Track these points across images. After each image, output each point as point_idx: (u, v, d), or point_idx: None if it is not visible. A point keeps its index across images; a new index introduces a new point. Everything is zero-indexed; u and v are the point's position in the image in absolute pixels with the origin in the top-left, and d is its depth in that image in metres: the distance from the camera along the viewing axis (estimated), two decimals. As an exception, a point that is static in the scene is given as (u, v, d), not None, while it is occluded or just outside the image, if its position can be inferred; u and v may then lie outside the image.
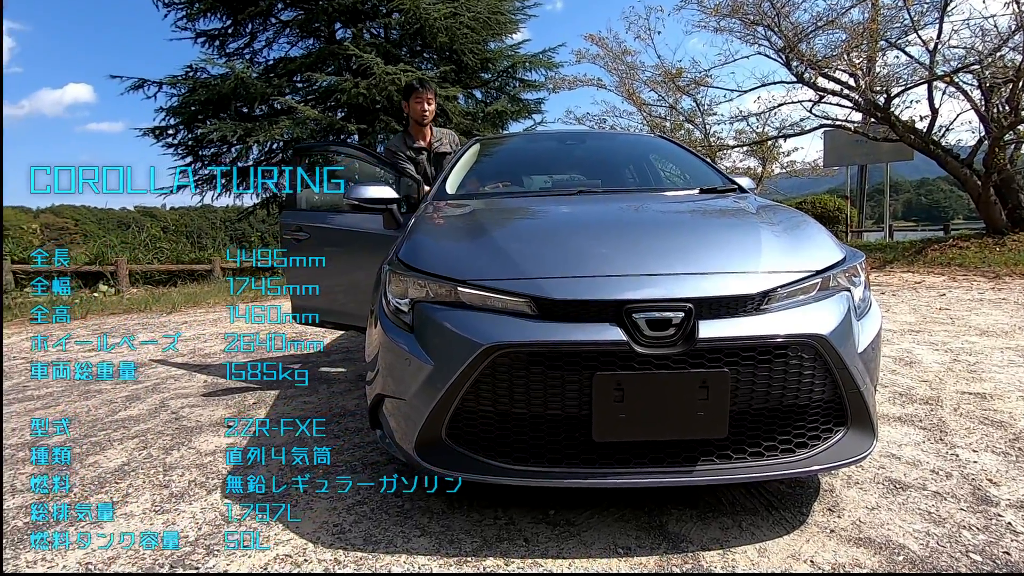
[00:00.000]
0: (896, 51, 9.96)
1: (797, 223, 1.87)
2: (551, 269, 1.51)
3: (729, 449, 1.45)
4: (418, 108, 3.39)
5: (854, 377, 1.47)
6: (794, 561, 1.40)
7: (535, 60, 14.45)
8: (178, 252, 10.53)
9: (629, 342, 1.37)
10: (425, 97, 3.38)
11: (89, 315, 6.36)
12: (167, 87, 13.06)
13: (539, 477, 1.45)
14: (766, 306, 1.46)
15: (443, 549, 1.49)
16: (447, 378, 1.45)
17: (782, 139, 12.90)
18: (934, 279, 6.96)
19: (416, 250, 1.76)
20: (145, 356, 4.12)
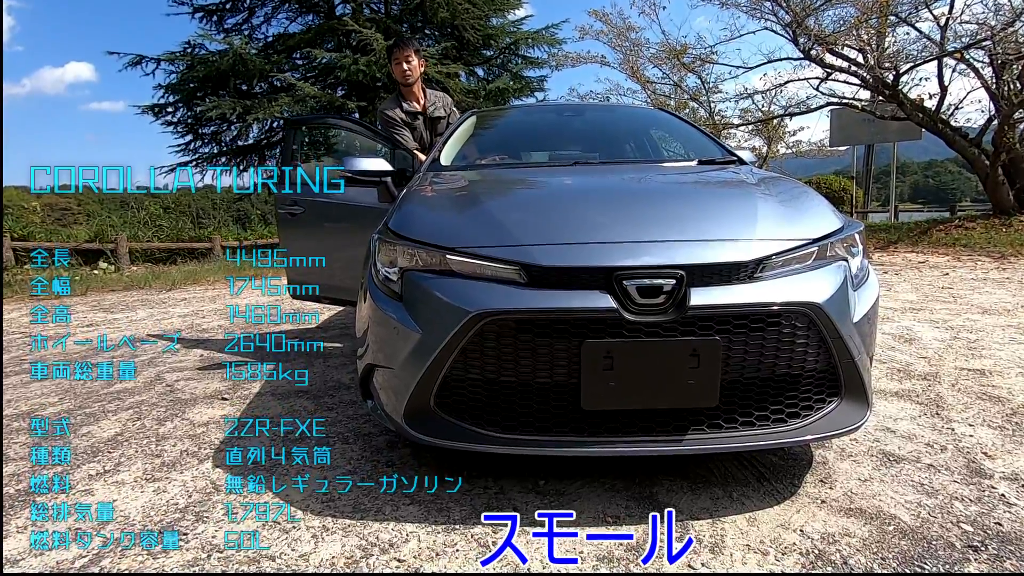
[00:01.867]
0: (906, 27, 9.75)
1: (796, 193, 1.83)
2: (540, 236, 1.48)
3: (720, 418, 1.43)
4: (397, 70, 3.27)
5: (848, 347, 1.45)
6: (783, 531, 1.40)
7: (538, 37, 14.19)
8: (178, 230, 10.52)
9: (619, 309, 1.34)
10: (403, 56, 3.23)
11: (89, 291, 6.37)
12: (165, 64, 12.90)
13: (528, 446, 1.44)
14: (760, 274, 1.43)
15: (432, 517, 1.49)
16: (435, 346, 1.43)
17: (788, 118, 12.72)
18: (938, 259, 6.89)
19: (406, 219, 1.73)
20: (143, 331, 4.12)
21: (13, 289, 6.19)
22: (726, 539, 1.37)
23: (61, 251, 6.46)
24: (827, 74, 10.29)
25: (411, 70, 3.27)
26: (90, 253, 8.99)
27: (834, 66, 10.13)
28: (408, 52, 3.27)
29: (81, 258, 8.71)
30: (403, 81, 3.31)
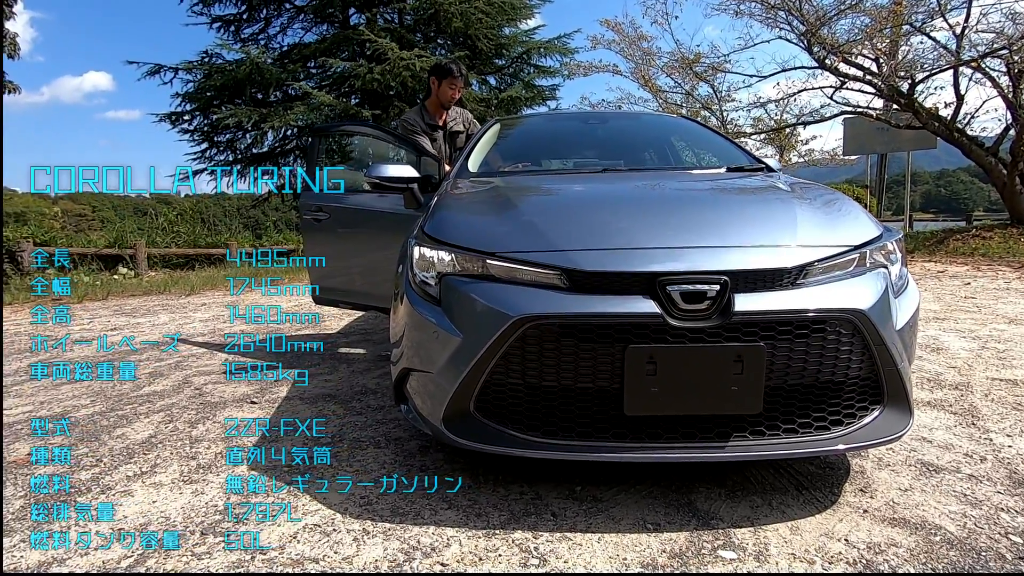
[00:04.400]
0: (921, 36, 9.71)
1: (832, 199, 1.82)
2: (582, 241, 1.49)
3: (762, 425, 1.43)
4: (449, 93, 3.42)
5: (892, 354, 1.44)
6: (827, 539, 1.38)
7: (550, 46, 14.28)
8: (195, 236, 10.64)
9: (663, 315, 1.34)
10: (459, 84, 3.42)
11: (110, 296, 6.45)
12: (183, 73, 13.12)
13: (569, 451, 1.44)
14: (802, 280, 1.43)
15: (471, 522, 1.49)
16: (476, 351, 1.43)
17: (801, 126, 12.69)
18: (957, 268, 6.82)
19: (442, 224, 1.74)
20: (166, 334, 4.16)
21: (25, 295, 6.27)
22: (770, 547, 1.36)
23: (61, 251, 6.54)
24: (841, 83, 10.27)
25: (458, 97, 3.46)
26: (109, 259, 9.10)
27: (848, 75, 10.11)
28: (463, 81, 3.47)
29: (101, 263, 8.83)
30: (446, 103, 3.46)
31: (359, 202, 3.13)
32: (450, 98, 3.42)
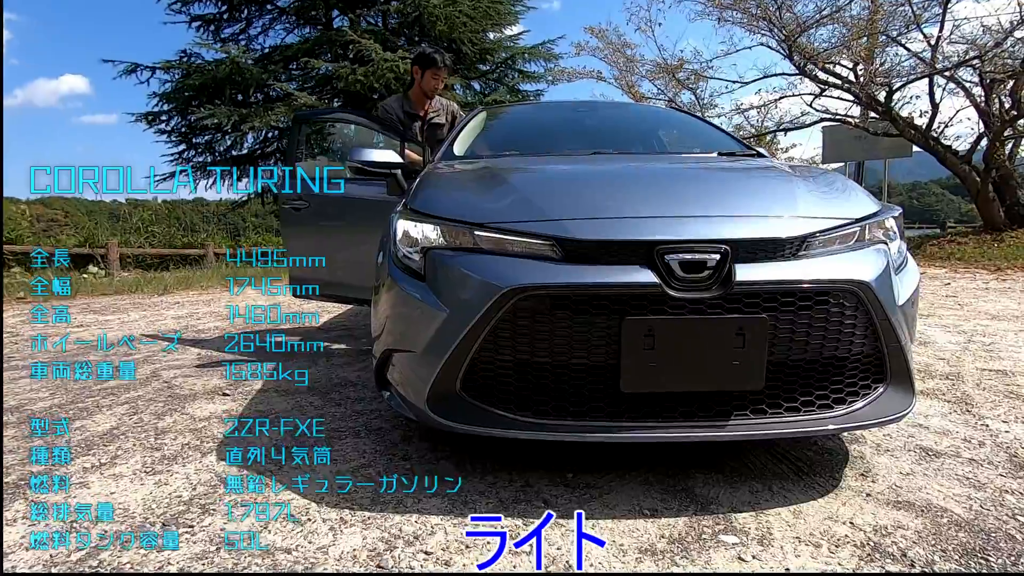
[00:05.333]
0: (897, 46, 9.93)
1: (829, 177, 1.78)
2: (575, 211, 1.42)
3: (764, 403, 1.36)
4: (434, 83, 3.35)
5: (896, 330, 1.39)
6: (832, 523, 1.32)
7: (534, 51, 14.32)
8: (171, 236, 10.35)
9: (661, 285, 1.27)
10: (443, 75, 3.35)
11: (78, 295, 6.20)
12: (160, 72, 12.82)
13: (562, 431, 1.35)
14: (804, 252, 1.37)
15: (457, 510, 1.39)
16: (463, 325, 1.35)
17: (781, 133, 12.88)
18: (936, 271, 6.92)
19: (428, 198, 1.66)
20: (136, 331, 3.98)
21: (10, 292, 6.01)
22: (773, 531, 1.29)
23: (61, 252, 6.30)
24: (821, 90, 10.45)
25: (440, 86, 3.40)
26: (79, 258, 8.79)
27: (828, 82, 10.29)
28: (447, 72, 3.41)
29: (71, 263, 8.52)
30: (430, 93, 3.38)
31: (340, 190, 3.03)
32: (434, 88, 3.35)
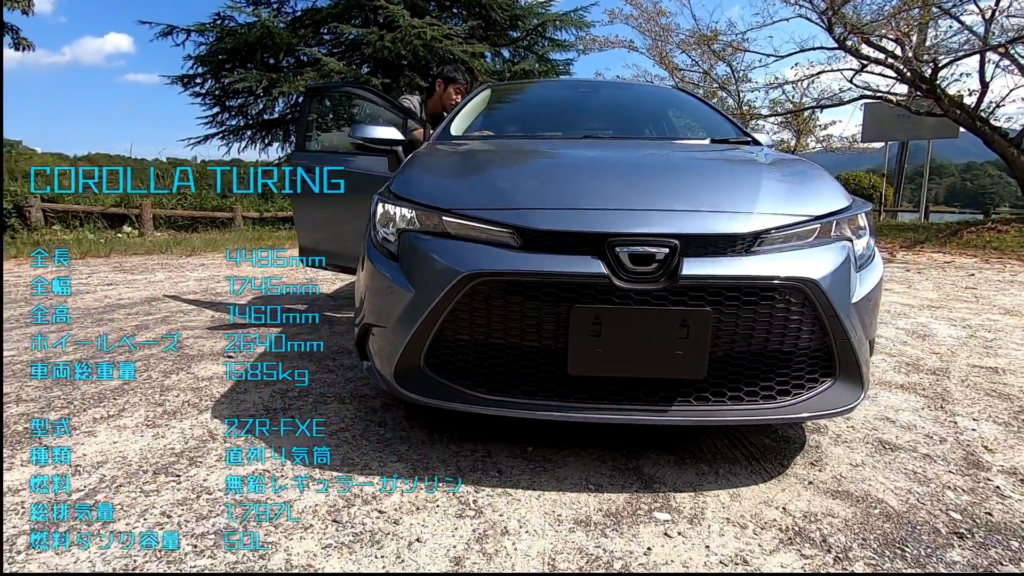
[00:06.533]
0: (947, 19, 9.37)
1: (803, 171, 1.78)
2: (536, 200, 1.48)
3: (708, 391, 1.42)
4: (454, 99, 3.36)
5: (844, 326, 1.42)
6: (766, 507, 1.39)
7: (566, 19, 13.97)
8: (202, 199, 10.69)
9: (609, 275, 1.33)
10: (463, 91, 3.37)
11: (113, 253, 6.53)
12: (195, 34, 13.03)
13: (513, 408, 1.44)
14: (757, 248, 1.41)
15: (416, 474, 1.51)
16: (426, 306, 1.44)
17: (819, 110, 12.39)
18: (965, 260, 6.69)
19: (407, 182, 1.73)
20: (159, 291, 4.22)
21: (33, 247, 6.37)
22: (706, 512, 1.37)
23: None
24: (862, 66, 9.97)
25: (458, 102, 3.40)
26: (116, 217, 9.20)
27: (870, 57, 9.81)
28: (465, 88, 3.41)
29: (107, 222, 8.93)
30: (446, 107, 3.36)
31: (349, 164, 3.11)
32: (452, 104, 3.36)
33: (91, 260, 6.13)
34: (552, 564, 1.17)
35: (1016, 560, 1.21)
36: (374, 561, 1.17)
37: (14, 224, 7.58)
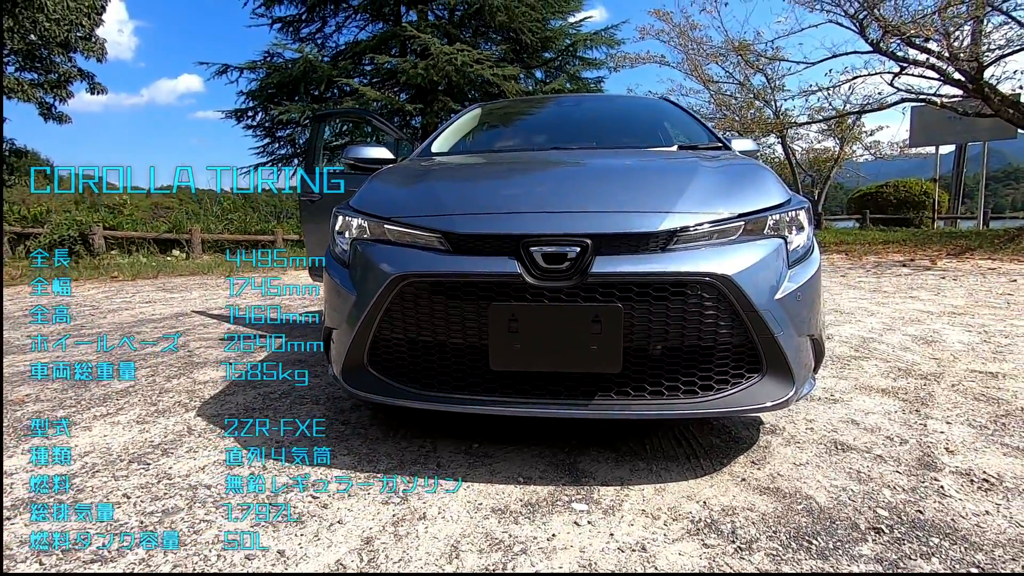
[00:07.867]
0: (996, 15, 8.91)
1: (744, 171, 1.80)
2: (462, 206, 1.57)
3: (628, 386, 1.46)
4: None
5: (767, 322, 1.43)
6: (686, 501, 1.40)
7: (596, 37, 14.16)
8: (246, 224, 11.35)
9: (522, 274, 1.40)
10: None
11: (160, 275, 7.04)
12: (247, 72, 14.00)
13: (442, 402, 1.52)
14: (673, 246, 1.44)
15: (359, 465, 1.61)
16: (364, 307, 1.55)
17: (860, 115, 11.95)
18: (1013, 266, 6.28)
19: (363, 196, 1.87)
20: (189, 307, 4.54)
21: (100, 272, 6.95)
22: (624, 504, 1.40)
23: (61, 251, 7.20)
24: (901, 68, 9.60)
25: None
26: (168, 243, 9.91)
27: (907, 59, 9.44)
28: None
29: (160, 247, 9.64)
30: None
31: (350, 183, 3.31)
32: None
33: (139, 282, 6.64)
34: (455, 546, 1.23)
35: (927, 555, 1.18)
36: (292, 538, 1.26)
37: (79, 250, 8.32)
